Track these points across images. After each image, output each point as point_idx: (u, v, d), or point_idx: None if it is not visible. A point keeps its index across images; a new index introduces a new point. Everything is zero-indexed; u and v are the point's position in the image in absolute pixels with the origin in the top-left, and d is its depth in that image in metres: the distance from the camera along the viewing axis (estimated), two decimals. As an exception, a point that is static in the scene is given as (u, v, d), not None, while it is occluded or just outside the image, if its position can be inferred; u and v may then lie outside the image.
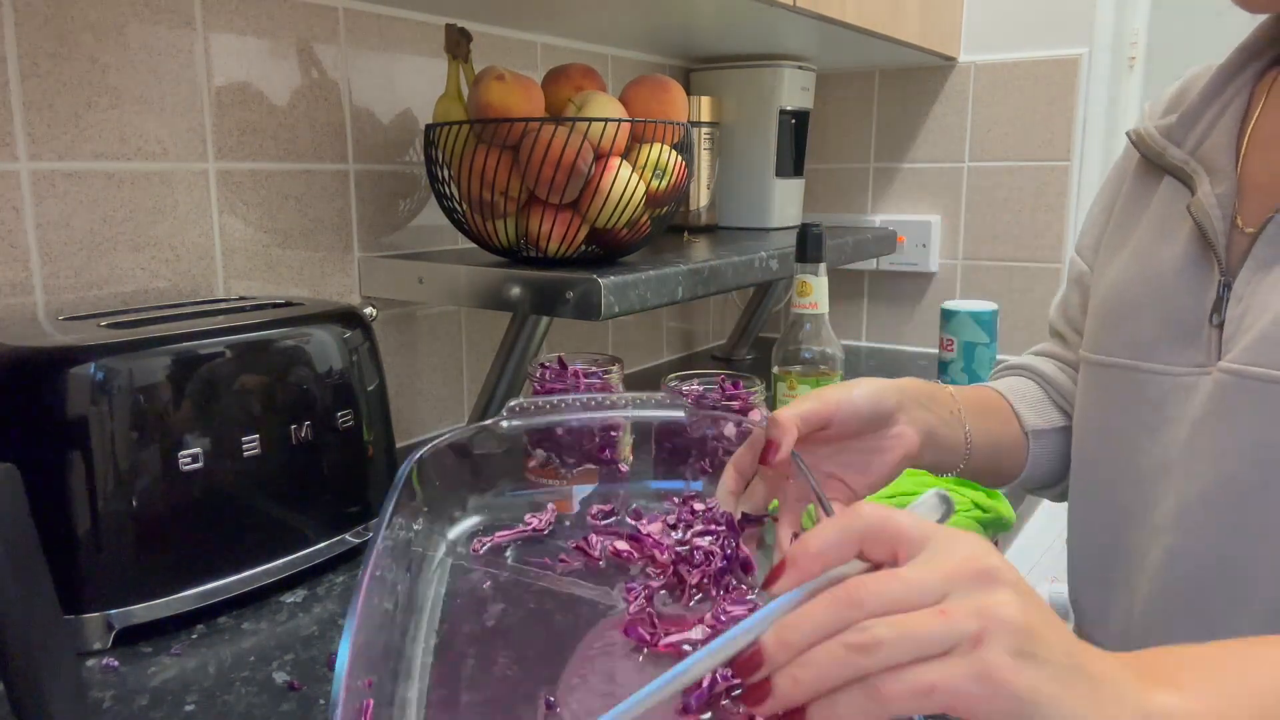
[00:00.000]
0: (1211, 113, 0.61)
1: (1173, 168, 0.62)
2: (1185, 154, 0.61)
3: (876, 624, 0.33)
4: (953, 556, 0.35)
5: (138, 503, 0.62)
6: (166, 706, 0.57)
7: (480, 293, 0.90)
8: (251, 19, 0.89)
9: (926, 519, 0.38)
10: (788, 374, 1.06)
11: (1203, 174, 0.59)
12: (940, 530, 0.36)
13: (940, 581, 0.34)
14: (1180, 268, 0.59)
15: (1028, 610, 0.34)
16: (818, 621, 0.35)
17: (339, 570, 0.76)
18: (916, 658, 0.33)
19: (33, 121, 0.74)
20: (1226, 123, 0.60)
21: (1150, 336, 0.60)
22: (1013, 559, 0.91)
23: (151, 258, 0.84)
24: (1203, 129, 0.61)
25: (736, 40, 1.32)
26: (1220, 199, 0.58)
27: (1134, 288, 0.62)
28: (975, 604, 0.33)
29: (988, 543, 0.37)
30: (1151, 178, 0.65)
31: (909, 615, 0.33)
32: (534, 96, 0.90)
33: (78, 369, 0.60)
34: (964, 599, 0.34)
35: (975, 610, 0.33)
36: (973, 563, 0.35)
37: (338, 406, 0.73)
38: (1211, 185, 0.58)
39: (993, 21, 1.52)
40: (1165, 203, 0.62)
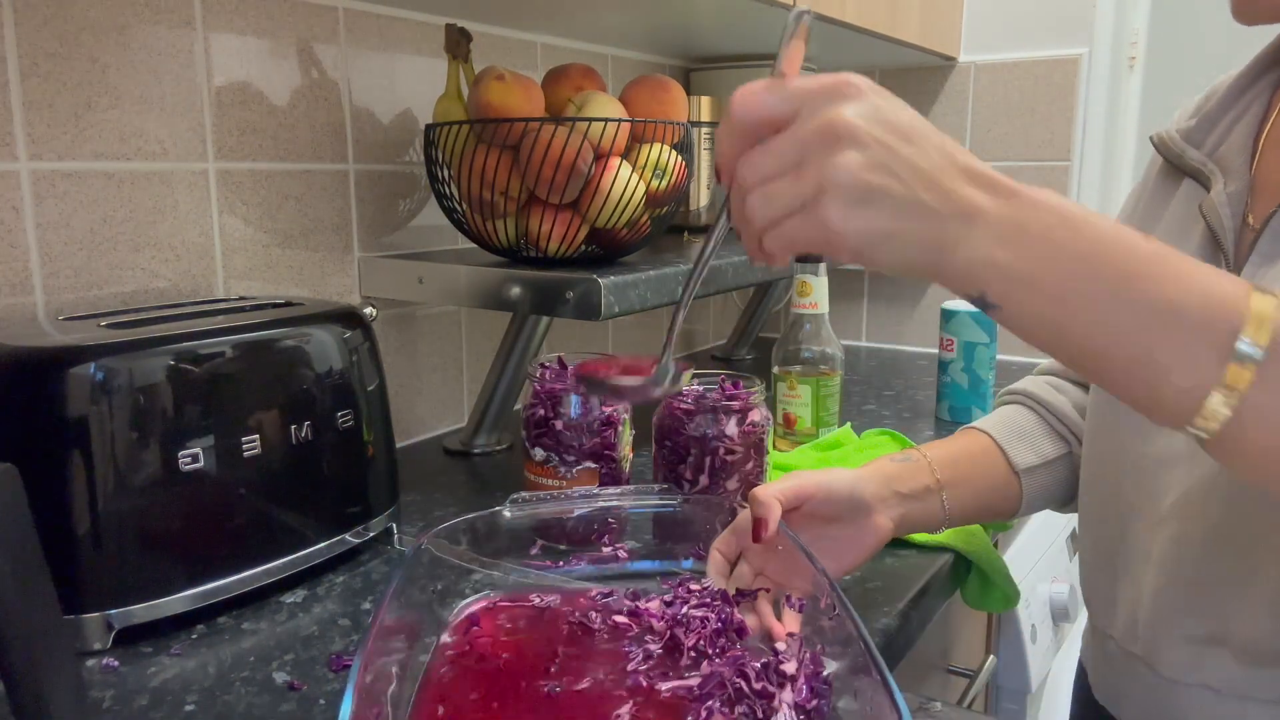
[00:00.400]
0: (1230, 116, 0.62)
1: (1191, 169, 0.63)
2: (1203, 156, 0.62)
3: (751, 197, 0.42)
4: (810, 121, 0.40)
5: (138, 503, 0.62)
6: (166, 706, 0.57)
7: (480, 293, 0.90)
8: (251, 19, 0.89)
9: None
10: (788, 374, 1.06)
11: (1218, 174, 0.60)
12: (805, 93, 0.41)
13: (797, 147, 0.41)
14: None
15: (868, 165, 0.39)
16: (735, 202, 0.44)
17: (339, 570, 0.76)
18: (782, 215, 0.41)
19: (33, 121, 0.74)
20: (1244, 126, 0.61)
21: None
22: (1012, 559, 0.92)
23: (151, 258, 0.84)
24: (1221, 132, 0.62)
25: (736, 40, 1.31)
26: (1231, 198, 0.59)
27: None
28: (818, 166, 0.40)
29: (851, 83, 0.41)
30: (1172, 180, 0.66)
31: (771, 184, 0.41)
32: (534, 96, 0.90)
33: (78, 369, 0.60)
34: (811, 160, 0.40)
35: (817, 172, 0.40)
36: (824, 125, 0.40)
37: (338, 406, 0.73)
38: (1225, 185, 0.59)
39: (993, 21, 1.52)
40: (1183, 203, 0.64)
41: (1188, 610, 0.58)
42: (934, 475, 0.69)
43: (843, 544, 0.65)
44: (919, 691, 0.78)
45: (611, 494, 0.74)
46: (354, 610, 0.69)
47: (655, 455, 0.81)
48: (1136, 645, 0.61)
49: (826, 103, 0.40)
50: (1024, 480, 0.72)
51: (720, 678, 0.52)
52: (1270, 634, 0.54)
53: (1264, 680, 0.54)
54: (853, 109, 0.40)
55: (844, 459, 1.00)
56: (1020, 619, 1.11)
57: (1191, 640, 0.58)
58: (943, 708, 0.63)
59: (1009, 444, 0.73)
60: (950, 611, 0.98)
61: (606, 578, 0.70)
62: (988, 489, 0.72)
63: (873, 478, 0.67)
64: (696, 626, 0.58)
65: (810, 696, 0.51)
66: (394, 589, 0.53)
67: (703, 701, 0.51)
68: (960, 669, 1.02)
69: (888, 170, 0.40)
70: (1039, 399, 0.76)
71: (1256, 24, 0.58)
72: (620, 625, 0.61)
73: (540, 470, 0.81)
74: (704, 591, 0.62)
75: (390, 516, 0.80)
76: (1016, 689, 1.14)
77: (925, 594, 0.74)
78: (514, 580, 0.67)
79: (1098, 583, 0.67)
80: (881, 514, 0.66)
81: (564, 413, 0.80)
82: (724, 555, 0.65)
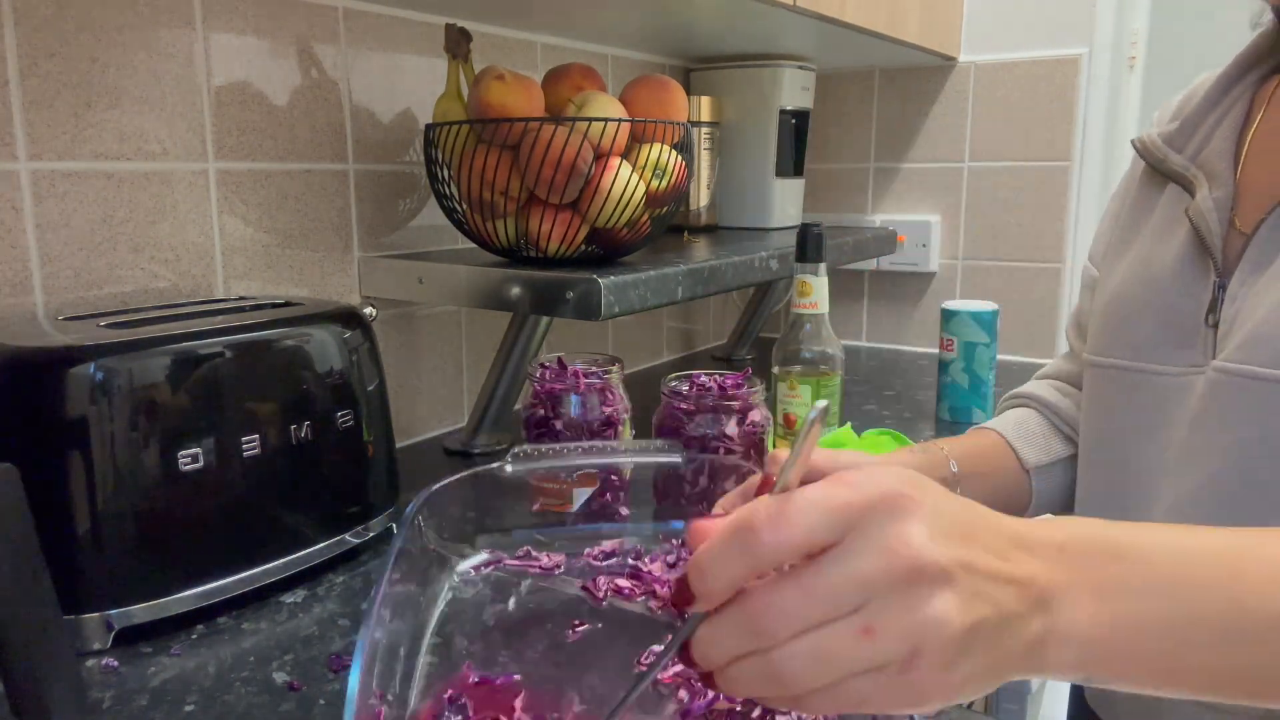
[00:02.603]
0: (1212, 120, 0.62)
1: (1174, 174, 0.62)
2: (1186, 160, 0.62)
3: (788, 657, 0.32)
4: (869, 550, 0.32)
5: (138, 503, 0.62)
6: (166, 706, 0.57)
7: (480, 293, 0.90)
8: (251, 19, 0.89)
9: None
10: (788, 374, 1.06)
11: (1202, 179, 0.60)
12: (853, 511, 0.32)
13: (856, 588, 0.32)
14: (1178, 270, 0.60)
15: (964, 604, 0.32)
16: (728, 650, 0.33)
17: (339, 570, 0.76)
18: (845, 677, 0.32)
19: (33, 121, 0.74)
20: (1226, 129, 0.61)
21: (1149, 338, 0.61)
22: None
23: (151, 258, 0.83)
24: (1203, 135, 0.62)
25: (736, 40, 1.32)
26: (1218, 202, 0.58)
27: (1134, 290, 0.63)
28: (903, 621, 0.31)
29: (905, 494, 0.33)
30: (1155, 184, 0.66)
31: (826, 639, 0.31)
32: (534, 96, 0.90)
33: (78, 369, 0.60)
34: (889, 612, 0.31)
35: (904, 630, 0.31)
36: (893, 558, 0.32)
37: (338, 406, 0.73)
38: (1210, 190, 0.59)
39: (993, 21, 1.52)
40: (1167, 208, 0.63)
41: None
42: (951, 468, 0.69)
43: None
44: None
45: (615, 449, 0.72)
46: (354, 610, 0.69)
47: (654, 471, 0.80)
48: None
49: (885, 522, 0.32)
50: (1034, 478, 0.72)
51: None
52: None
53: None
54: (921, 530, 0.32)
55: (844, 459, 1.00)
56: (1020, 619, 1.11)
57: None
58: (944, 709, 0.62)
59: (1019, 443, 0.73)
60: (950, 611, 0.98)
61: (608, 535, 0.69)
62: (1001, 484, 0.72)
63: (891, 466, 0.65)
64: None
65: None
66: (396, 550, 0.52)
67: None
68: (960, 669, 1.02)
69: (981, 598, 0.32)
70: (1044, 401, 0.76)
71: None
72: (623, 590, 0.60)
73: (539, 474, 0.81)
74: None
75: (390, 516, 0.80)
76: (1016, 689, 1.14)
77: (925, 594, 0.74)
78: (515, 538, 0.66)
79: None
80: None
81: (564, 413, 0.80)
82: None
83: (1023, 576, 0.34)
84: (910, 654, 0.31)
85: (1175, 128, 0.64)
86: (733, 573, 0.33)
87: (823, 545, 0.32)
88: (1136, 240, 0.66)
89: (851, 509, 0.32)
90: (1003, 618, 0.33)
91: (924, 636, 0.31)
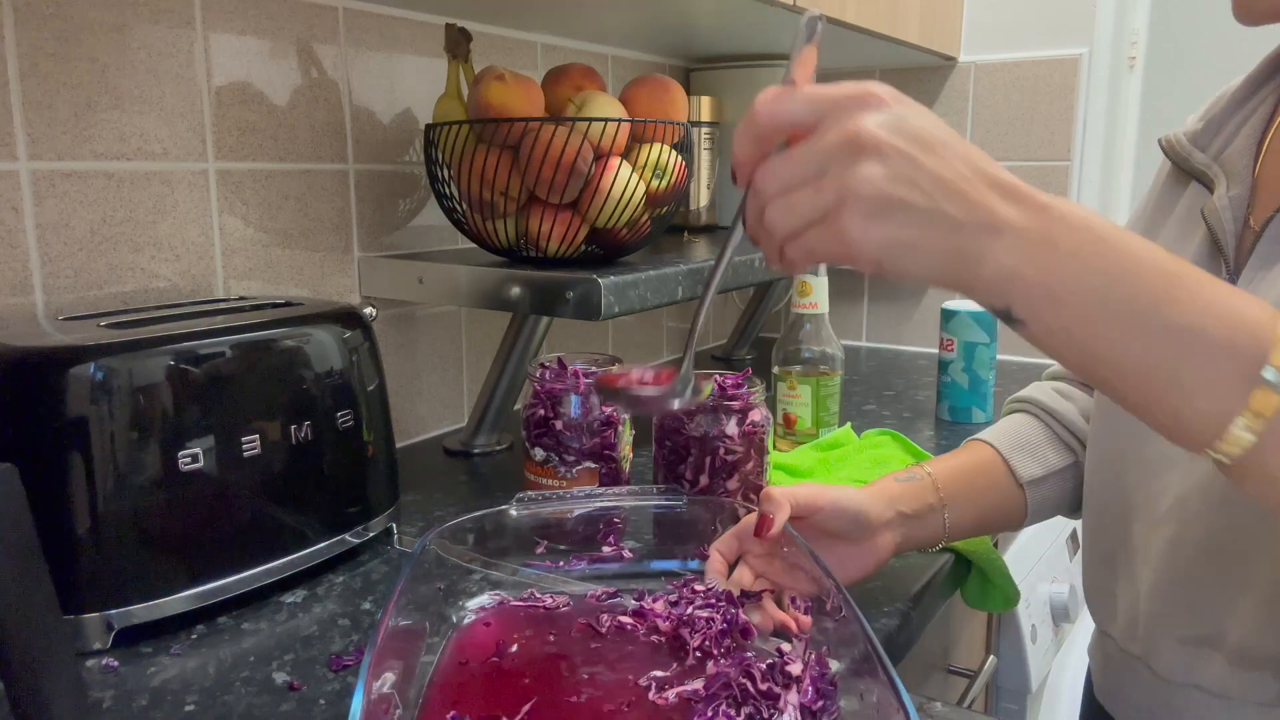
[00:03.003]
0: (1237, 119, 0.62)
1: (1197, 172, 0.63)
2: (1209, 159, 0.62)
3: (772, 208, 0.42)
4: (832, 131, 0.40)
5: (138, 503, 0.62)
6: (166, 706, 0.57)
7: (480, 293, 0.90)
8: (251, 19, 0.89)
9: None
10: (788, 374, 1.06)
11: (1222, 177, 0.60)
12: (828, 101, 0.41)
13: (818, 158, 0.40)
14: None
15: (889, 176, 0.39)
16: (752, 207, 0.43)
17: (339, 570, 0.76)
18: (803, 225, 0.41)
19: (33, 121, 0.74)
20: (1250, 129, 0.61)
21: None
22: (1012, 560, 0.91)
23: (151, 258, 0.83)
24: (1227, 135, 0.62)
25: (736, 40, 1.31)
26: (1233, 201, 0.58)
27: None
28: (839, 177, 0.39)
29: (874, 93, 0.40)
30: (1179, 183, 0.66)
31: (793, 193, 0.41)
32: (534, 96, 0.90)
33: (78, 369, 0.60)
34: (832, 171, 0.40)
35: (837, 185, 0.39)
36: (847, 135, 0.39)
37: (338, 406, 0.73)
38: (1228, 188, 0.59)
39: (993, 21, 1.52)
40: (1188, 206, 0.64)
41: (1182, 611, 0.58)
42: (937, 494, 0.70)
43: (844, 560, 0.66)
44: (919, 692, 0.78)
45: (615, 494, 0.75)
46: (354, 610, 0.69)
47: (655, 455, 0.81)
48: (1135, 645, 0.61)
49: (850, 112, 0.40)
50: (1029, 492, 0.72)
51: (726, 679, 0.52)
52: (1261, 637, 0.54)
53: (1255, 682, 0.55)
54: (875, 119, 0.39)
55: (844, 459, 1.00)
56: (1020, 619, 1.11)
57: (1185, 641, 0.58)
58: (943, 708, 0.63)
59: (1013, 456, 0.73)
60: (950, 611, 0.98)
61: (610, 577, 0.70)
62: (990, 504, 0.73)
63: (878, 498, 0.68)
64: (702, 627, 0.59)
65: (816, 698, 0.51)
66: (401, 587, 0.53)
67: (709, 703, 0.51)
68: (960, 669, 1.02)
69: (910, 182, 0.39)
70: (1045, 407, 0.76)
71: (1257, 24, 0.58)
72: (625, 626, 0.61)
73: (540, 470, 0.81)
74: (709, 592, 0.63)
75: (390, 516, 0.80)
76: (1016, 689, 1.14)
77: (925, 594, 0.74)
78: (519, 579, 0.67)
79: (1098, 583, 0.67)
80: (884, 535, 0.67)
81: (564, 413, 0.80)
82: (723, 556, 0.66)
83: (979, 201, 0.39)
84: (837, 203, 0.39)
85: (1200, 126, 0.64)
86: (744, 145, 0.43)
87: (808, 125, 0.41)
88: (1157, 238, 0.66)
89: (829, 99, 0.41)
90: (936, 213, 0.39)
91: (848, 190, 0.39)
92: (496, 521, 0.68)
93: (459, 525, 0.66)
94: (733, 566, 0.66)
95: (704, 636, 0.58)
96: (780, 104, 0.42)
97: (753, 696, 0.51)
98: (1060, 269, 0.39)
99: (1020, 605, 1.07)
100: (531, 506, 0.70)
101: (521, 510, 0.69)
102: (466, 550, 0.66)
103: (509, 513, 0.69)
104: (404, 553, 0.79)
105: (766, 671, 0.53)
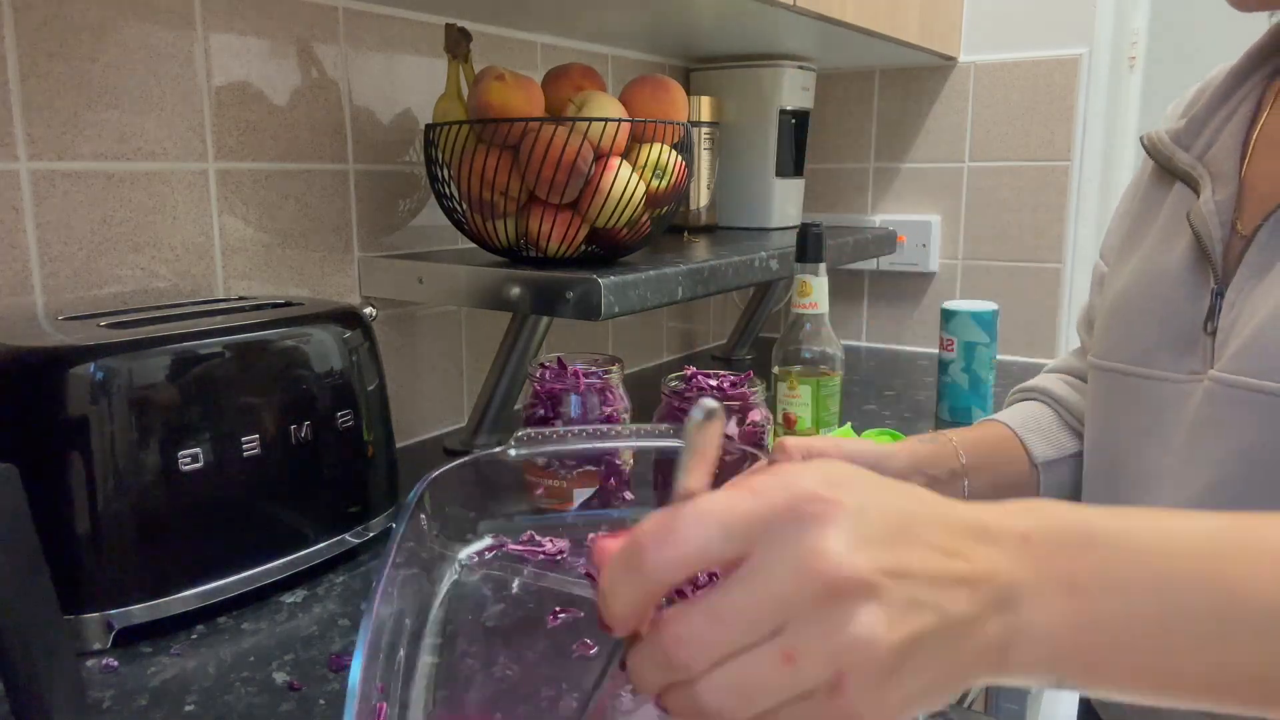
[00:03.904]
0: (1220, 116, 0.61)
1: (1181, 172, 0.61)
2: (1193, 159, 0.61)
3: (708, 689, 0.29)
4: (779, 567, 0.29)
5: (138, 503, 0.62)
6: (166, 706, 0.57)
7: (480, 293, 0.90)
8: (251, 19, 0.89)
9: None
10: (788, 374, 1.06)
11: (1207, 179, 0.59)
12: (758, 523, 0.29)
13: (770, 611, 0.29)
14: (1180, 275, 0.59)
15: (893, 617, 0.28)
16: (650, 683, 0.31)
17: (339, 570, 0.76)
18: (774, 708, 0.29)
19: (33, 121, 0.74)
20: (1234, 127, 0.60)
21: (1151, 343, 0.61)
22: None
23: (151, 258, 0.83)
24: (1210, 133, 0.61)
25: (736, 40, 1.31)
26: (1220, 205, 0.57)
27: (1138, 294, 0.62)
28: (825, 645, 0.28)
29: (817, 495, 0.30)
30: (1164, 183, 0.65)
31: (745, 669, 0.29)
32: (534, 96, 0.90)
33: (78, 369, 0.60)
34: (809, 634, 0.28)
35: (827, 655, 0.28)
36: (806, 574, 0.28)
37: (338, 406, 0.73)
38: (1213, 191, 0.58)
39: (993, 21, 1.52)
40: (1173, 208, 0.62)
41: None
42: (959, 459, 0.68)
43: None
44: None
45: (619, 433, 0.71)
46: (354, 610, 0.69)
47: (655, 455, 0.81)
48: None
49: (794, 535, 0.29)
50: (1042, 474, 0.71)
51: None
52: None
53: None
54: (838, 539, 0.29)
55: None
56: (1020, 619, 1.11)
57: None
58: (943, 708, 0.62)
59: (1028, 436, 0.72)
60: (950, 611, 0.98)
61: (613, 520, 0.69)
62: (1007, 478, 0.71)
63: (899, 455, 0.65)
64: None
65: None
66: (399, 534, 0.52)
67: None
68: (960, 669, 1.02)
69: (916, 605, 0.29)
70: (1054, 395, 0.75)
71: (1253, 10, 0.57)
72: None
73: (540, 471, 0.81)
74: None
75: (390, 516, 0.80)
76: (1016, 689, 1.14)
77: (925, 594, 0.74)
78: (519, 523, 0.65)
79: None
80: None
81: (564, 413, 0.80)
82: None
83: (978, 573, 0.30)
84: (836, 679, 0.28)
85: (1183, 125, 0.62)
86: (627, 598, 0.30)
87: (727, 561, 0.30)
88: (1144, 241, 0.65)
89: (754, 519, 0.29)
90: (950, 624, 0.29)
91: (848, 659, 0.28)
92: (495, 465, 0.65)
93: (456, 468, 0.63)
94: None
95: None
96: (680, 538, 0.29)
97: None
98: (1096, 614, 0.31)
99: (1020, 605, 1.07)
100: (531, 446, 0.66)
101: (521, 451, 0.66)
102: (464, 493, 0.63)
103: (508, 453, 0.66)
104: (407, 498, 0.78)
105: None
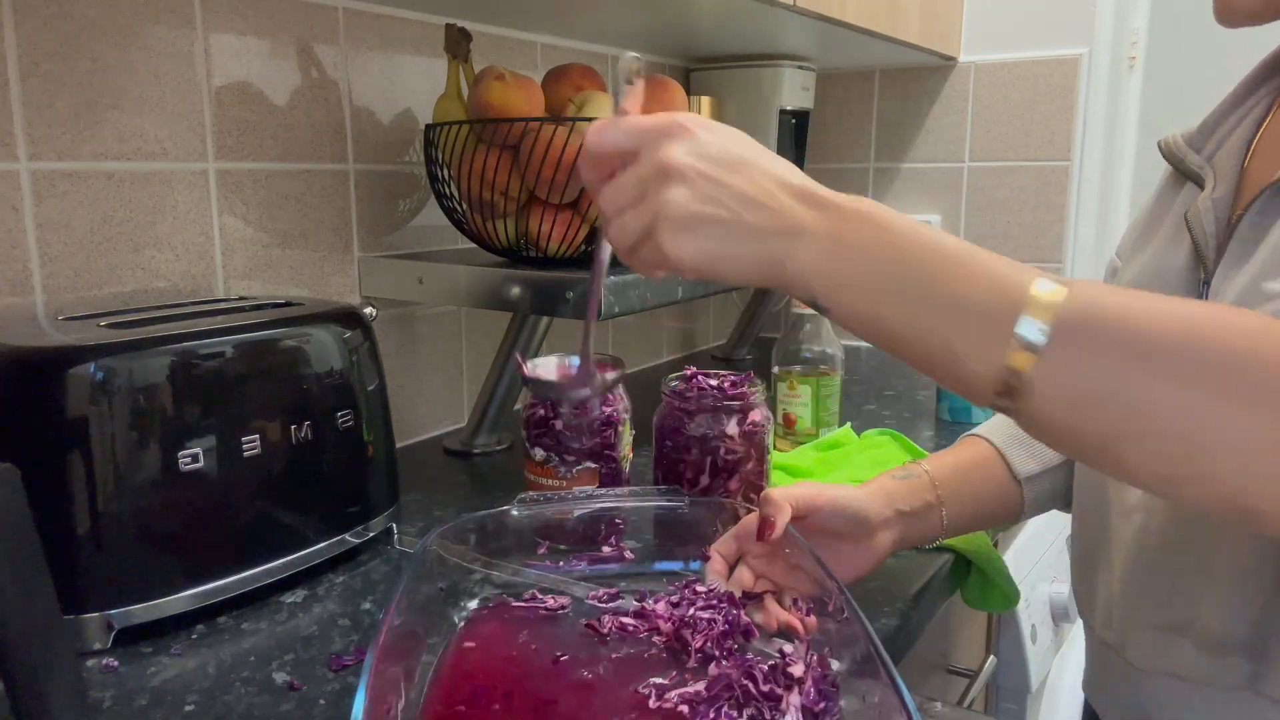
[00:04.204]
0: (1232, 120, 0.63)
1: (1190, 173, 0.63)
2: (1202, 159, 0.63)
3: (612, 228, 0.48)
4: (646, 159, 0.46)
5: (138, 503, 0.62)
6: (166, 706, 0.57)
7: (480, 293, 0.90)
8: (251, 19, 0.89)
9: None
10: (788, 374, 1.06)
11: (1212, 178, 0.60)
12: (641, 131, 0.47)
13: (636, 182, 0.47)
14: (1181, 272, 0.61)
15: (693, 197, 0.45)
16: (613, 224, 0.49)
17: (339, 570, 0.76)
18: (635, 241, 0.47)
19: (33, 121, 0.74)
20: (1243, 130, 0.61)
21: None
22: (1012, 559, 0.92)
23: (151, 258, 0.83)
24: (1221, 136, 0.63)
25: (736, 40, 1.31)
26: (1216, 202, 0.59)
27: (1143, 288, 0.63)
28: (652, 200, 0.45)
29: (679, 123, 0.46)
30: (1177, 184, 0.66)
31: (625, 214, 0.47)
32: (534, 96, 0.90)
33: (78, 369, 0.60)
34: (648, 196, 0.46)
35: (650, 207, 0.46)
36: (657, 163, 0.45)
37: (338, 406, 0.73)
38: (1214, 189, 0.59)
39: (993, 21, 1.52)
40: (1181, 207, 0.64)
41: (1152, 599, 0.59)
42: (935, 491, 0.70)
43: (842, 559, 0.66)
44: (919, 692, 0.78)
45: (616, 494, 0.75)
46: (354, 610, 0.69)
47: (655, 455, 0.81)
48: (1110, 635, 0.62)
49: (658, 141, 0.46)
50: (1025, 488, 0.72)
51: (728, 680, 0.52)
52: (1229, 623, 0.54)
53: (1224, 668, 0.55)
54: (679, 148, 0.45)
55: (844, 459, 1.00)
56: (1020, 619, 1.11)
57: (1157, 629, 0.58)
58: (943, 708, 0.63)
59: (1010, 450, 0.73)
60: (950, 611, 0.98)
61: (612, 577, 0.70)
62: (988, 499, 0.73)
63: (876, 496, 0.68)
64: (703, 628, 0.59)
65: (818, 699, 0.51)
66: (403, 588, 0.53)
67: (711, 705, 0.51)
68: (960, 669, 1.02)
69: (713, 200, 0.45)
70: None
71: (1236, 26, 0.58)
72: (627, 627, 0.61)
73: (540, 470, 0.81)
74: (710, 593, 0.62)
75: (390, 516, 0.80)
76: (1016, 689, 1.14)
77: (925, 594, 0.74)
78: (520, 580, 0.67)
79: (1081, 574, 0.68)
80: (882, 533, 0.67)
81: (564, 413, 0.80)
82: (723, 558, 0.66)
83: (779, 209, 0.45)
84: (653, 222, 0.45)
85: (1196, 128, 0.64)
86: (587, 171, 0.50)
87: (630, 154, 0.47)
88: (1153, 240, 0.66)
89: (644, 129, 0.47)
90: (740, 225, 0.45)
91: (658, 212, 0.45)
92: (498, 522, 0.68)
93: (460, 525, 0.66)
94: (733, 568, 0.66)
95: (705, 637, 0.58)
96: (606, 135, 0.48)
97: (755, 698, 0.51)
98: (848, 260, 0.44)
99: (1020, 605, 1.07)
100: (533, 507, 0.70)
101: (523, 511, 0.70)
102: (468, 551, 0.66)
103: (510, 513, 0.69)
104: (404, 553, 0.79)
105: (768, 673, 0.52)
